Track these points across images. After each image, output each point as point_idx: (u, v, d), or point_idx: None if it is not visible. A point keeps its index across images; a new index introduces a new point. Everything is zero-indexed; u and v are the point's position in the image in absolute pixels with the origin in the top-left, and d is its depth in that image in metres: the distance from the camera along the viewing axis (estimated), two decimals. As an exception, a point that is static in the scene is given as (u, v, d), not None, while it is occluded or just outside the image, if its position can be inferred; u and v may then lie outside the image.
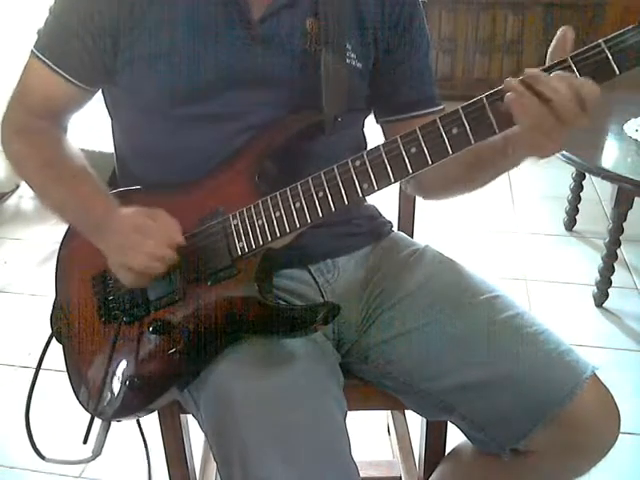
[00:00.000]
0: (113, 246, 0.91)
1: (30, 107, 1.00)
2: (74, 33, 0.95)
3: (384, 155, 0.81)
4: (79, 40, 0.95)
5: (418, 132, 0.79)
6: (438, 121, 0.78)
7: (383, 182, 0.82)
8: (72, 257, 1.04)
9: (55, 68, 0.97)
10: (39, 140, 1.00)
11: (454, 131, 0.77)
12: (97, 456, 1.01)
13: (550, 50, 0.75)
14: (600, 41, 0.71)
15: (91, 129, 1.09)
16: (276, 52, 0.95)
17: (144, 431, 1.06)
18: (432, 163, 0.79)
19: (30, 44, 0.99)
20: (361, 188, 0.83)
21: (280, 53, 0.95)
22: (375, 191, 0.83)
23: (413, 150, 0.79)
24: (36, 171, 1.00)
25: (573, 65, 0.72)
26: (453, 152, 0.78)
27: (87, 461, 1.01)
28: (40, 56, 0.97)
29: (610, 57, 0.70)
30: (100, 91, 1.04)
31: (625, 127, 2.23)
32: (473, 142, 0.77)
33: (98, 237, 0.93)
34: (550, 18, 3.83)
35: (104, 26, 0.93)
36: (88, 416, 0.99)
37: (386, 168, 0.81)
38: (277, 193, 0.88)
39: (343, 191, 0.84)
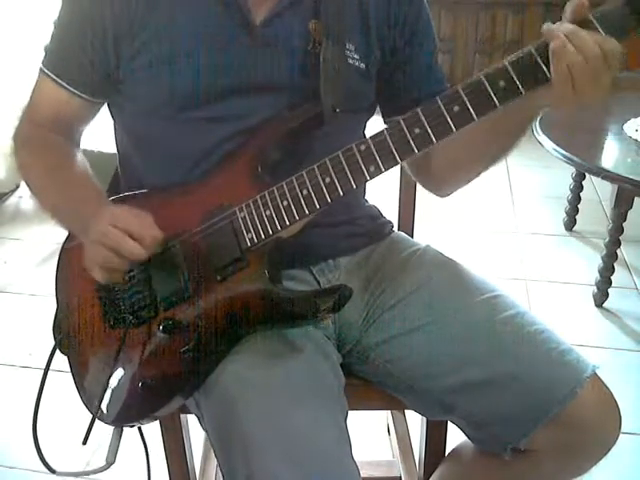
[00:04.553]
0: (94, 237, 0.88)
1: (39, 122, 1.02)
2: (77, 45, 0.95)
3: (388, 138, 0.83)
4: (82, 52, 0.95)
5: (420, 113, 0.81)
6: (439, 101, 0.80)
7: (389, 163, 0.83)
8: (74, 263, 1.03)
9: (60, 82, 0.98)
10: (42, 148, 1.01)
11: (455, 109, 0.79)
12: (111, 464, 0.98)
13: (569, 8, 0.76)
14: None
15: (92, 129, 1.09)
16: (278, 55, 0.95)
17: (144, 433, 1.05)
18: (437, 141, 0.81)
19: (39, 60, 1.00)
20: (368, 171, 0.84)
21: (282, 56, 0.95)
22: (382, 172, 0.84)
23: (417, 131, 0.81)
24: (37, 178, 1.01)
25: (595, 22, 0.74)
26: (456, 129, 0.79)
27: (101, 470, 0.98)
28: (47, 72, 0.99)
29: (629, 12, 0.73)
30: None
31: (625, 127, 2.23)
32: (476, 118, 0.79)
33: (86, 235, 0.92)
34: (550, 18, 3.81)
35: (106, 36, 0.94)
36: (90, 417, 0.97)
37: (391, 150, 0.83)
38: (283, 183, 0.88)
39: (350, 175, 0.85)
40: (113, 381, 0.95)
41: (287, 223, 0.88)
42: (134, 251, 0.85)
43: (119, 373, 0.95)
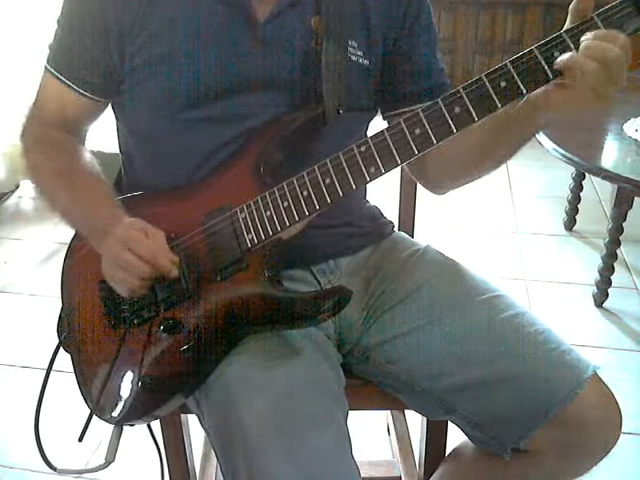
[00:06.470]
0: (109, 255, 0.91)
1: (46, 120, 1.02)
2: (80, 44, 0.96)
3: (389, 139, 0.82)
4: (85, 50, 0.96)
5: (421, 114, 0.80)
6: (440, 102, 0.79)
7: (390, 165, 0.83)
8: (78, 264, 1.04)
9: (65, 81, 0.98)
10: (53, 150, 1.01)
11: (456, 110, 0.78)
12: (110, 463, 0.99)
13: (573, 7, 0.75)
14: None
15: (94, 129, 1.10)
16: (280, 53, 0.95)
17: (154, 433, 1.05)
18: (437, 142, 0.80)
19: (43, 58, 1.00)
20: (368, 172, 0.84)
21: (284, 54, 0.95)
22: (382, 174, 0.84)
23: (417, 131, 0.81)
24: (48, 180, 1.01)
25: (599, 22, 0.73)
26: (457, 130, 0.79)
27: (100, 469, 0.98)
28: (51, 70, 0.99)
29: (635, 12, 0.72)
30: None
31: (625, 127, 2.23)
32: (476, 119, 0.78)
33: (99, 243, 0.94)
34: (550, 18, 3.83)
35: (109, 35, 0.94)
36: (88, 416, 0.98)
37: (392, 151, 0.82)
38: (284, 183, 0.89)
39: (350, 176, 0.85)
40: (114, 380, 0.95)
41: (287, 224, 0.88)
42: (145, 275, 0.87)
43: (120, 372, 0.95)
